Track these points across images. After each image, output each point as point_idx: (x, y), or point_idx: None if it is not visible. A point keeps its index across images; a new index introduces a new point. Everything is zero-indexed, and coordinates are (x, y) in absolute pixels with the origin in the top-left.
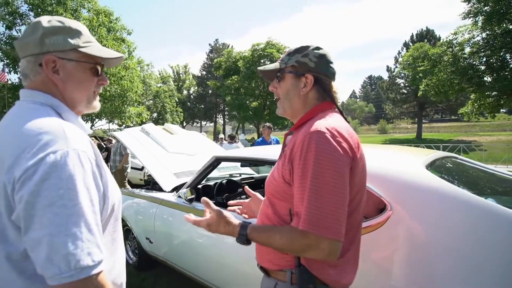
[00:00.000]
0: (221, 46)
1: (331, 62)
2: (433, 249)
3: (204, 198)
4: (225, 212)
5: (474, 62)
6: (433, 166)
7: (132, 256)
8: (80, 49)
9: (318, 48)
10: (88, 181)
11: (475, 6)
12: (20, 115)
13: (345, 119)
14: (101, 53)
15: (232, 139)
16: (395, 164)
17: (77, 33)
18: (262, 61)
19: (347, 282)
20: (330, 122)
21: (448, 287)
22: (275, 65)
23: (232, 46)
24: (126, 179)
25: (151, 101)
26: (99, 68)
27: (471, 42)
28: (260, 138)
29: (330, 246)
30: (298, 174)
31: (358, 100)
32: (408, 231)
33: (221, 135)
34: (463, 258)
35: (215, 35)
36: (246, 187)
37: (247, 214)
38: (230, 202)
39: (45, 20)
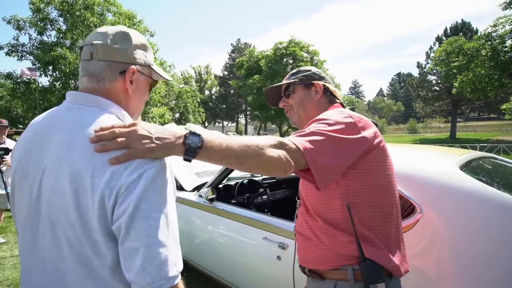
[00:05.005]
0: (243, 46)
1: (326, 76)
2: (463, 254)
3: None
4: None
5: None
6: (468, 167)
7: None
8: (152, 66)
9: (313, 68)
10: (172, 194)
11: None
12: (96, 122)
13: None
14: (163, 74)
15: None
16: (424, 164)
17: (150, 52)
18: (284, 59)
19: (406, 267)
20: (346, 110)
21: None
22: (284, 82)
23: (254, 46)
24: None
25: (174, 102)
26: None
27: None
28: None
29: (299, 158)
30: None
31: (385, 98)
32: (438, 235)
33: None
34: (497, 266)
35: (237, 35)
36: None
37: None
38: None
39: (133, 34)
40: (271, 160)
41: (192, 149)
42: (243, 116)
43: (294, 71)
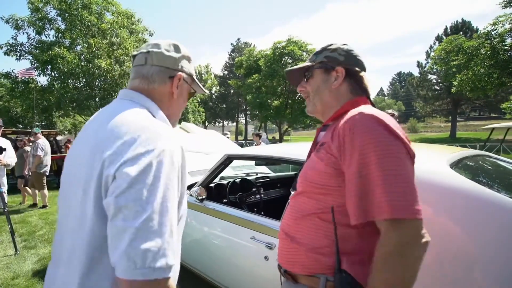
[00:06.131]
0: (243, 45)
1: (359, 56)
2: (448, 254)
3: None
4: None
5: None
6: (459, 165)
7: None
8: (193, 77)
9: (345, 44)
10: (175, 182)
11: None
12: (128, 112)
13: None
14: (201, 86)
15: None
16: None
17: (193, 64)
18: (283, 59)
19: None
20: (371, 110)
21: None
22: (303, 64)
23: (254, 45)
24: (44, 181)
25: None
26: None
27: None
28: None
29: (420, 226)
30: (355, 161)
31: (386, 98)
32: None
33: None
34: (485, 264)
35: (238, 35)
36: None
37: None
38: None
39: (182, 46)
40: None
41: None
42: (243, 115)
43: (319, 49)
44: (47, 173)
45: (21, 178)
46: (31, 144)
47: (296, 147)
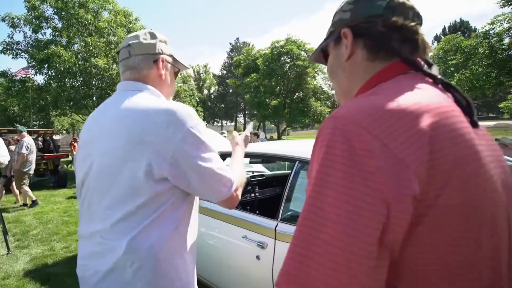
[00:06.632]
0: (241, 45)
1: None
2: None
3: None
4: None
5: None
6: None
7: None
8: (174, 56)
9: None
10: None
11: None
12: (145, 100)
13: (438, 82)
14: (183, 63)
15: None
16: None
17: (170, 45)
18: (282, 58)
19: None
20: (381, 100)
21: None
22: (319, 45)
23: (253, 45)
24: (25, 180)
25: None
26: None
27: (511, 32)
28: None
29: None
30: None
31: None
32: None
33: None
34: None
35: (237, 35)
36: None
37: None
38: None
39: (157, 32)
40: None
41: None
42: (242, 115)
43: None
44: (31, 172)
45: (4, 178)
46: (17, 143)
47: (288, 144)
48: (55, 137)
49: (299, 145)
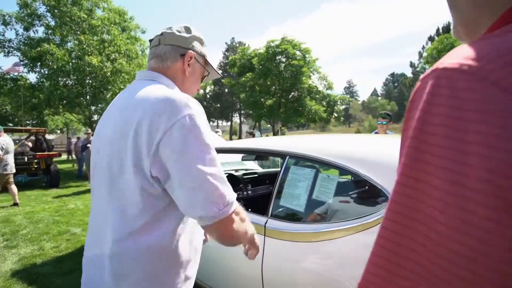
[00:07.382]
0: (237, 45)
1: None
2: None
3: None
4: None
5: None
6: None
7: None
8: (206, 58)
9: None
10: (210, 138)
11: None
12: (154, 90)
13: None
14: (215, 69)
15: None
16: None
17: (206, 47)
18: (277, 58)
19: None
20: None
21: None
22: None
23: (248, 45)
24: (10, 179)
25: None
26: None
27: None
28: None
29: None
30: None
31: (379, 98)
32: None
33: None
34: None
35: (232, 35)
36: None
37: None
38: None
39: (193, 28)
40: None
41: None
42: (237, 115)
43: None
44: (9, 172)
45: None
46: None
47: (278, 139)
48: (49, 136)
49: (289, 140)
